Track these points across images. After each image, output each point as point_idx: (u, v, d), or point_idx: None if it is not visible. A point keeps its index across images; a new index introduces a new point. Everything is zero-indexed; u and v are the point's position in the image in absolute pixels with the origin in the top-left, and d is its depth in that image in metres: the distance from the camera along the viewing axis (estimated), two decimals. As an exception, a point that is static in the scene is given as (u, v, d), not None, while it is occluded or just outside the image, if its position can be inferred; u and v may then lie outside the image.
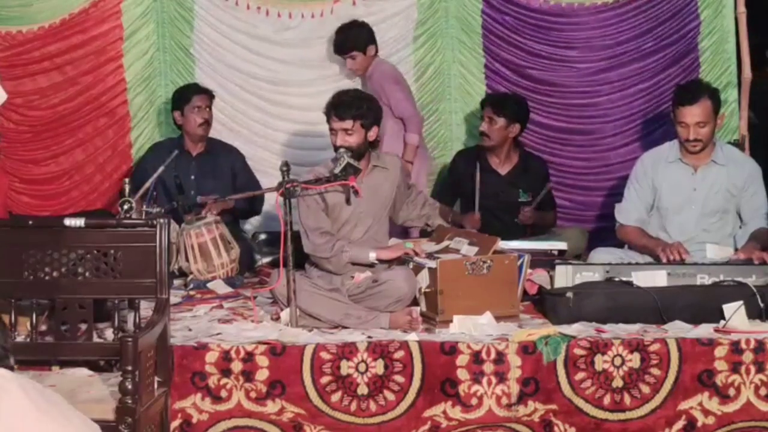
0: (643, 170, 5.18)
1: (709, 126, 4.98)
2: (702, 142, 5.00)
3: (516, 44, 6.45)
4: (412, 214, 4.98)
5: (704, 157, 5.08)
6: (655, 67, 6.42)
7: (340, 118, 4.61)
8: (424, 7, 6.45)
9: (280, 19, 6.44)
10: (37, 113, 6.34)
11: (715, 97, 5.06)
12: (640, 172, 5.19)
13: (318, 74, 6.44)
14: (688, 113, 4.97)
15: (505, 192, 5.98)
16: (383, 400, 4.07)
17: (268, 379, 4.05)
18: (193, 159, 5.90)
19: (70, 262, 3.84)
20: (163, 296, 3.80)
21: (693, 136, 4.97)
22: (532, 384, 4.08)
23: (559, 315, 4.44)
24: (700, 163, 5.09)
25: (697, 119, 4.96)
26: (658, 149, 5.25)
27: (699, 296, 4.46)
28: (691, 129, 4.96)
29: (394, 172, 4.81)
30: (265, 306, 4.76)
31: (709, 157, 5.09)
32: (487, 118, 5.93)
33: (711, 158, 5.09)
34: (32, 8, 6.21)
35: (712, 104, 4.99)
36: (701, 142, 5.00)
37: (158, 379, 3.74)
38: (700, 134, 4.98)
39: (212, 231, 5.31)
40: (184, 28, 6.42)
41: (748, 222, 5.08)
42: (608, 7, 6.41)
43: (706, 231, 5.06)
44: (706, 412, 4.11)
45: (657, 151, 5.24)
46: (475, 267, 4.45)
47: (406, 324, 4.41)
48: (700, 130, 4.97)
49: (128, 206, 4.30)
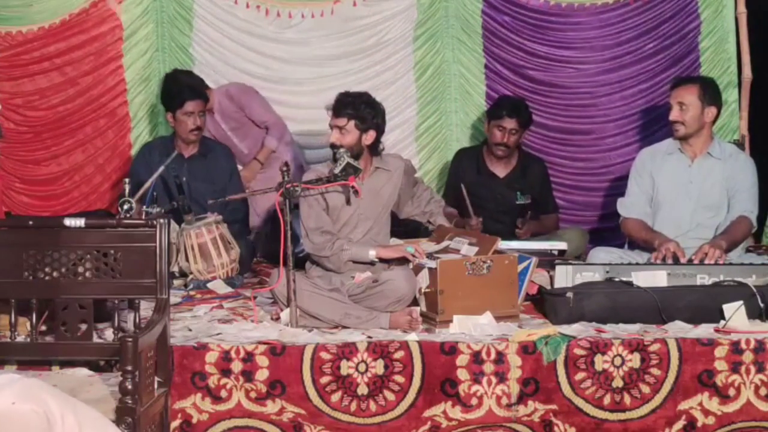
0: (642, 163, 5.24)
1: (692, 111, 5.05)
2: (683, 126, 5.06)
3: (516, 44, 6.45)
4: (415, 210, 4.99)
5: (701, 149, 5.12)
6: (655, 67, 6.43)
7: (336, 115, 4.67)
8: (425, 8, 6.46)
9: (280, 18, 6.45)
10: (37, 114, 6.34)
11: (707, 85, 5.16)
12: (639, 165, 5.25)
13: (318, 73, 6.45)
14: (674, 93, 5.12)
15: (504, 195, 5.98)
16: (383, 400, 4.07)
17: (268, 379, 4.05)
18: (185, 161, 5.77)
19: (70, 262, 3.84)
20: (163, 296, 3.80)
21: (672, 117, 5.08)
22: (532, 384, 4.08)
23: (559, 315, 4.44)
24: (696, 155, 5.12)
25: (679, 99, 5.07)
26: (657, 144, 5.33)
27: (699, 296, 4.46)
28: (673, 109, 5.07)
29: (396, 173, 4.82)
30: (265, 306, 4.76)
31: (705, 149, 5.12)
32: (509, 130, 5.85)
33: (707, 150, 5.11)
34: (32, 8, 6.21)
35: (699, 90, 5.08)
36: (682, 125, 5.07)
37: (158, 379, 3.74)
38: (680, 117, 5.06)
39: (212, 231, 5.31)
40: (184, 27, 6.42)
41: (733, 210, 5.08)
42: (608, 7, 6.41)
43: (701, 225, 5.07)
44: (706, 412, 4.11)
45: (655, 145, 5.32)
46: (475, 267, 4.45)
47: (406, 324, 4.41)
48: (681, 112, 5.05)
49: (128, 206, 4.30)
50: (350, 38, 6.48)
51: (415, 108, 6.53)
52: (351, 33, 6.47)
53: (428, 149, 6.54)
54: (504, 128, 5.86)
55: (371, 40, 6.48)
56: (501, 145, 5.89)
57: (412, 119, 6.53)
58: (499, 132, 5.87)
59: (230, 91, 6.25)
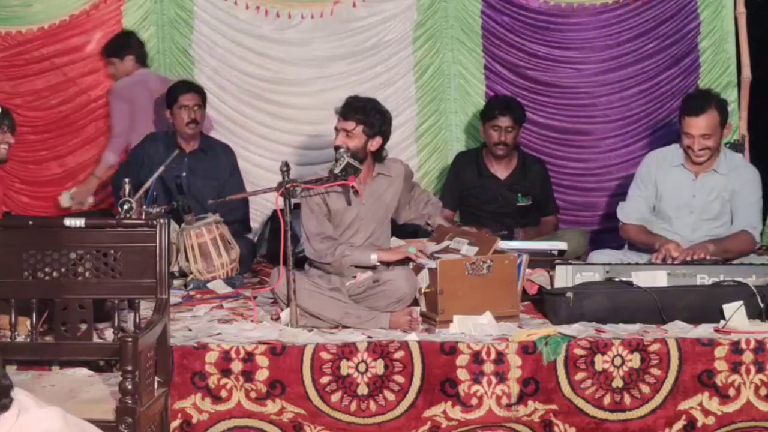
0: (647, 169, 5.19)
1: (714, 138, 4.98)
2: (708, 152, 5.00)
3: (516, 45, 6.45)
4: (413, 213, 4.98)
5: (707, 165, 5.08)
6: (655, 68, 6.42)
7: (344, 118, 4.64)
8: (424, 8, 6.46)
9: (280, 19, 6.45)
10: (38, 114, 6.35)
11: (723, 108, 5.05)
12: (644, 171, 5.20)
13: (318, 74, 6.45)
14: (694, 125, 4.97)
15: (505, 196, 5.97)
16: (383, 400, 4.07)
17: (268, 379, 4.05)
18: (186, 156, 5.80)
19: (70, 262, 3.84)
20: (163, 296, 3.80)
21: (697, 147, 4.98)
22: (532, 384, 4.08)
23: (559, 315, 4.44)
24: (701, 170, 5.09)
25: (702, 131, 4.96)
26: (664, 150, 5.25)
27: (699, 296, 4.46)
28: (696, 140, 4.98)
29: (397, 179, 4.81)
30: (265, 306, 4.76)
31: (711, 165, 5.08)
32: (505, 128, 5.85)
33: (713, 167, 5.08)
34: (32, 8, 6.22)
35: (718, 116, 4.98)
36: (707, 151, 5.00)
37: (158, 379, 3.74)
38: (705, 145, 4.98)
39: (212, 231, 5.31)
40: (184, 29, 6.42)
41: (736, 224, 5.07)
42: (608, 7, 6.42)
43: (702, 236, 5.05)
44: (706, 412, 4.11)
45: (662, 151, 5.25)
46: (475, 267, 4.45)
47: (406, 324, 4.41)
48: (704, 141, 4.97)
49: (128, 206, 4.30)
50: (350, 39, 6.48)
51: (414, 108, 6.53)
52: (351, 34, 6.48)
53: (428, 150, 6.54)
54: (499, 127, 5.86)
55: (371, 41, 6.49)
56: (500, 145, 5.88)
57: (412, 120, 6.53)
58: (495, 132, 5.88)
59: (118, 87, 6.19)
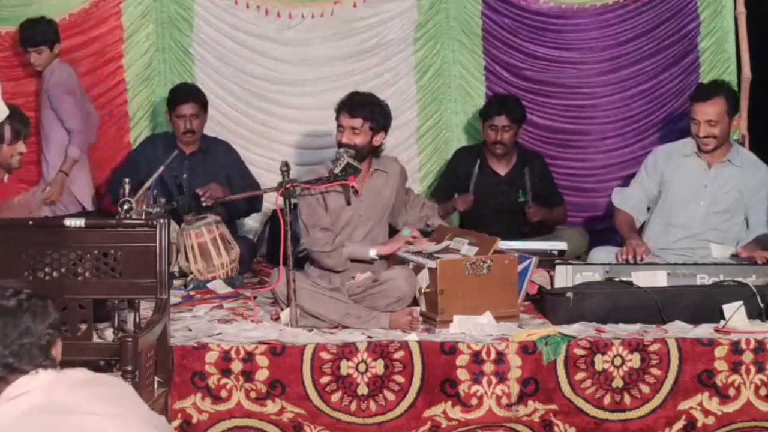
0: (654, 162, 5.23)
1: (720, 125, 5.03)
2: (714, 140, 5.04)
3: (516, 46, 6.45)
4: (411, 217, 4.99)
5: (720, 156, 5.12)
6: (655, 68, 6.41)
7: (350, 116, 4.65)
8: (425, 9, 6.46)
9: (280, 19, 6.44)
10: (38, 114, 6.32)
11: (731, 97, 5.13)
12: (651, 164, 5.24)
13: (318, 74, 6.44)
14: (700, 110, 5.04)
15: (506, 193, 5.99)
16: (383, 400, 4.07)
17: (268, 379, 4.05)
18: (186, 158, 5.82)
19: (70, 262, 3.83)
20: (163, 296, 3.79)
21: (703, 134, 5.03)
22: (532, 384, 4.08)
23: (559, 315, 4.44)
24: (714, 160, 5.12)
25: (708, 117, 5.01)
26: (674, 144, 5.30)
27: (699, 296, 4.46)
28: (702, 126, 5.03)
29: (393, 175, 4.83)
30: (265, 306, 4.76)
31: (725, 156, 5.12)
32: (501, 127, 5.87)
33: (727, 157, 5.11)
34: (32, 8, 6.20)
35: (726, 104, 5.04)
36: (713, 140, 5.04)
37: (158, 379, 3.74)
38: (710, 132, 5.02)
39: (212, 231, 5.31)
40: (184, 27, 6.41)
41: (754, 226, 5.09)
42: (608, 8, 6.41)
43: (712, 229, 5.07)
44: (706, 412, 4.11)
45: (672, 145, 5.30)
46: (475, 267, 4.45)
47: (406, 324, 4.41)
48: (710, 128, 5.02)
49: (128, 206, 4.30)
50: (350, 39, 6.47)
51: (415, 109, 6.53)
52: (351, 34, 6.47)
53: (429, 150, 6.53)
54: (496, 126, 5.88)
55: (371, 41, 6.48)
56: (497, 144, 5.91)
57: (413, 120, 6.53)
58: (492, 131, 5.90)
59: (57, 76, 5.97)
